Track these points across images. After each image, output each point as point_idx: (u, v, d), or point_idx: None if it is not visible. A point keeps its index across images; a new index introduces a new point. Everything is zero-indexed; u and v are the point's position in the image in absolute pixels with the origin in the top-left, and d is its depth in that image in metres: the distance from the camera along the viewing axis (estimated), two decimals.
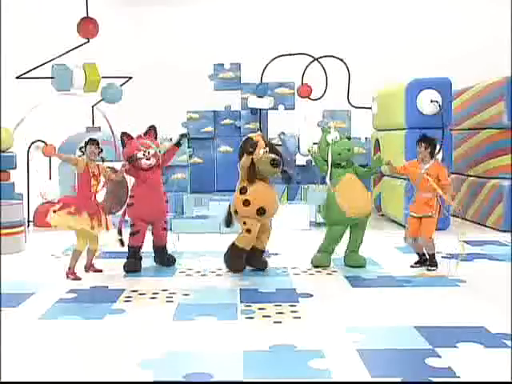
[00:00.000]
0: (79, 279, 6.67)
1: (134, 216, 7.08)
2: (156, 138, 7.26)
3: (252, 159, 6.77)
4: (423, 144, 6.95)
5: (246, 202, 6.80)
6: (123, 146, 7.10)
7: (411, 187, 7.61)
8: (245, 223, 6.84)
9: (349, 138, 7.45)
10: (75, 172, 6.88)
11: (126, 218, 7.23)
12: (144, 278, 6.80)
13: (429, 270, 6.97)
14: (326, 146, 7.18)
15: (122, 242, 7.13)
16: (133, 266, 7.03)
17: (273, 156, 6.75)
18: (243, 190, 6.84)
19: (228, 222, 7.10)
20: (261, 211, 6.78)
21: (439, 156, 8.72)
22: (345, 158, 7.17)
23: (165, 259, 7.33)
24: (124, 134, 7.14)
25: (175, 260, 7.36)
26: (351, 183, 7.14)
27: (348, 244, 7.28)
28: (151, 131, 7.23)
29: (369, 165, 7.92)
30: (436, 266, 7.00)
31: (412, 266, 7.12)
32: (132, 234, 7.08)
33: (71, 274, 6.74)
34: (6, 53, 12.05)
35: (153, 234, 7.28)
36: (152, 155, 7.00)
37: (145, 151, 6.98)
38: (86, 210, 6.62)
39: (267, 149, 6.84)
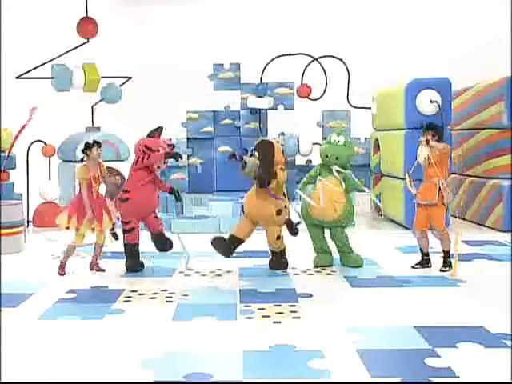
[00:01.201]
0: (64, 274, 6.79)
1: (129, 211, 6.97)
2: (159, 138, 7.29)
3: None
4: (430, 132, 6.88)
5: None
6: (151, 136, 7.09)
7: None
8: None
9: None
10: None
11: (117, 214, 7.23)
12: (144, 278, 6.80)
13: (442, 270, 6.88)
14: (325, 143, 7.26)
15: (115, 236, 7.13)
16: (137, 265, 7.04)
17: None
18: None
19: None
20: (241, 208, 7.21)
21: None
22: (331, 163, 7.16)
23: (166, 244, 7.20)
24: (161, 128, 7.18)
25: (172, 244, 7.22)
26: (326, 184, 7.15)
27: (337, 246, 7.30)
28: (158, 132, 7.23)
29: (368, 164, 7.97)
30: (450, 266, 6.90)
31: (413, 267, 7.09)
32: (127, 232, 7.02)
33: (61, 267, 6.83)
34: (6, 53, 12.05)
35: (146, 224, 7.16)
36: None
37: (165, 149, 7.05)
38: (87, 214, 6.64)
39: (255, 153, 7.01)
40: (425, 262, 7.11)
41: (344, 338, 4.74)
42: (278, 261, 7.17)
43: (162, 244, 7.23)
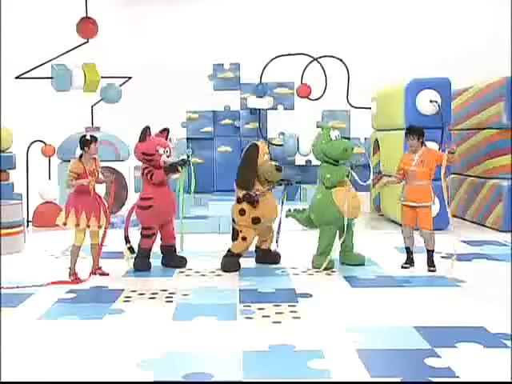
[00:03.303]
0: (81, 282, 6.58)
1: (151, 219, 7.00)
2: (166, 139, 7.21)
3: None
4: (414, 136, 6.95)
5: (242, 211, 7.01)
6: (143, 139, 6.96)
7: None
8: (241, 231, 7.07)
9: (348, 139, 7.49)
10: None
11: (134, 219, 7.21)
12: (143, 278, 6.80)
13: (430, 270, 6.90)
14: (328, 142, 7.15)
15: (132, 250, 7.08)
16: (145, 265, 7.06)
17: (276, 163, 7.10)
18: (240, 200, 7.04)
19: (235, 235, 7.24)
20: (256, 220, 7.00)
21: None
22: (339, 157, 7.15)
23: (177, 260, 7.28)
24: (148, 128, 7.00)
25: (186, 261, 7.31)
26: (346, 184, 7.15)
27: (342, 244, 7.27)
28: (165, 132, 7.19)
29: (368, 165, 8.00)
30: (434, 266, 6.93)
31: (403, 267, 7.10)
32: (146, 237, 7.03)
33: (73, 275, 6.66)
34: (6, 53, 12.05)
35: (162, 234, 7.20)
36: (171, 153, 7.03)
37: (165, 148, 6.98)
38: (84, 210, 6.56)
39: (268, 155, 7.19)
40: (411, 260, 7.13)
41: (344, 338, 4.74)
42: (271, 255, 7.33)
43: (173, 260, 7.26)
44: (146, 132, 6.97)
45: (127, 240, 7.07)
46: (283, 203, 7.43)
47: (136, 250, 7.11)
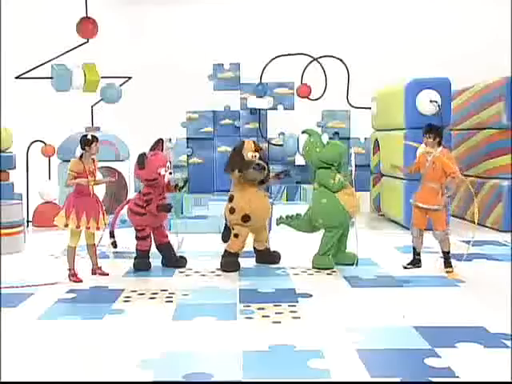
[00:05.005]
0: (81, 281, 6.58)
1: (146, 222, 7.05)
2: (162, 150, 7.15)
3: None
4: (431, 134, 6.84)
5: (232, 210, 7.14)
6: (141, 167, 6.87)
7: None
8: (233, 228, 7.17)
9: (337, 133, 7.51)
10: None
11: (125, 221, 7.25)
12: (143, 278, 6.80)
13: (448, 272, 6.83)
14: (322, 148, 7.16)
15: (115, 245, 7.19)
16: (145, 265, 7.12)
17: (258, 161, 7.03)
18: (231, 198, 7.20)
19: (226, 237, 7.28)
20: (246, 218, 7.06)
21: None
22: (337, 161, 7.17)
23: (177, 260, 7.28)
24: (144, 154, 6.89)
25: (186, 261, 7.33)
26: (347, 184, 7.17)
27: (338, 244, 7.26)
28: (159, 144, 7.12)
29: (368, 165, 7.98)
30: (451, 266, 6.85)
31: (405, 267, 7.09)
32: (142, 239, 7.10)
33: (72, 275, 6.64)
34: (6, 53, 12.05)
35: (155, 235, 7.21)
36: (171, 168, 7.04)
37: (165, 166, 6.92)
38: (85, 211, 6.53)
39: (256, 154, 7.11)
40: (416, 262, 7.11)
41: (344, 338, 4.74)
42: (270, 256, 7.42)
43: (172, 260, 7.27)
44: (143, 158, 6.88)
45: (112, 235, 7.18)
46: (273, 198, 7.51)
47: (122, 245, 7.28)
